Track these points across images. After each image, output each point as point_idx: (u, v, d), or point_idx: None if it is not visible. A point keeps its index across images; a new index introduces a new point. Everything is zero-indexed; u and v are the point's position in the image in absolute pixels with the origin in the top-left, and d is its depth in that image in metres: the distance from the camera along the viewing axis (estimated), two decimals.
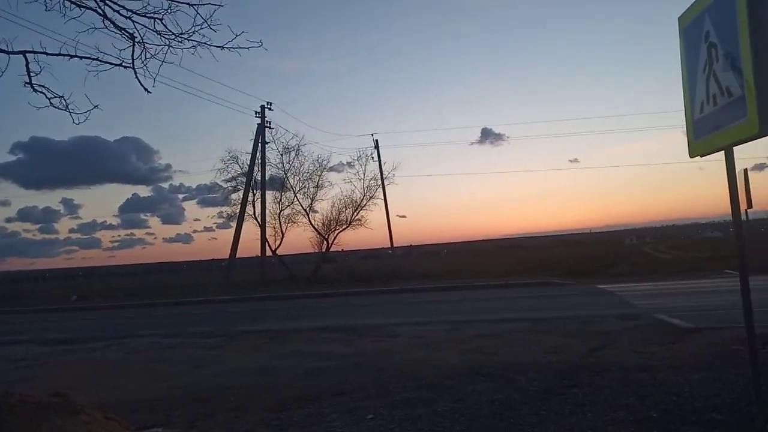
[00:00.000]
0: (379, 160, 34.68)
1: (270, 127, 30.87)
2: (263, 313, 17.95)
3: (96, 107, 4.74)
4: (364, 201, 30.96)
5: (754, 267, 4.93)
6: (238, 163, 30.58)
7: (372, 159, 33.55)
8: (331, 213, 30.96)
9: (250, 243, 32.54)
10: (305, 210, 30.54)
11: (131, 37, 4.61)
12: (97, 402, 4.93)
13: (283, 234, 30.54)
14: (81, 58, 4.63)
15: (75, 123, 4.81)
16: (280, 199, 30.69)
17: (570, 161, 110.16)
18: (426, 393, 5.87)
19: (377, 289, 22.57)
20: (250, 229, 31.34)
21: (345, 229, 30.75)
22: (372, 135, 36.70)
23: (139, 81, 4.76)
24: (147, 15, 4.54)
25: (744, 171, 9.57)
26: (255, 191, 30.84)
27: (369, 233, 37.31)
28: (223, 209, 32.29)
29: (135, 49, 4.68)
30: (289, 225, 30.62)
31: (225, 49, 4.75)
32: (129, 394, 7.12)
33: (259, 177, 30.65)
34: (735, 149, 3.98)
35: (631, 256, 33.75)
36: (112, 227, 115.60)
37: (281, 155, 30.50)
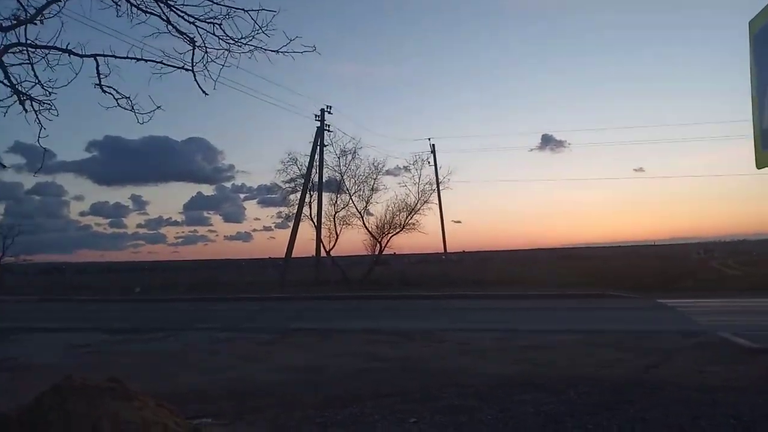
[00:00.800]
0: (435, 164, 34.66)
1: (329, 130, 31.36)
2: (315, 313, 18.21)
3: (159, 108, 4.96)
4: (418, 205, 30.89)
5: None
6: (296, 165, 31.18)
7: (428, 163, 33.55)
8: (385, 216, 31.06)
9: (305, 243, 33.06)
10: (360, 212, 30.78)
11: (192, 42, 4.81)
12: (152, 390, 5.14)
13: (338, 235, 30.89)
14: (146, 61, 4.87)
15: (139, 123, 5.05)
16: (335, 201, 31.05)
17: (635, 170, 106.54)
18: (470, 400, 5.81)
19: (428, 294, 22.48)
20: (306, 230, 31.91)
21: (398, 233, 30.77)
22: (429, 139, 36.65)
23: (198, 84, 4.95)
24: (207, 20, 4.72)
25: None
26: (312, 193, 31.37)
27: (423, 238, 37.33)
28: (282, 209, 32.98)
29: (195, 53, 4.87)
30: (344, 227, 30.92)
31: (281, 54, 4.88)
32: (182, 384, 7.39)
33: (317, 179, 31.18)
34: None
35: (698, 270, 32.26)
36: (176, 224, 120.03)
37: (338, 158, 30.87)
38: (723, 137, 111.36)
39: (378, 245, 30.97)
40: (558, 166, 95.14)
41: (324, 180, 31.33)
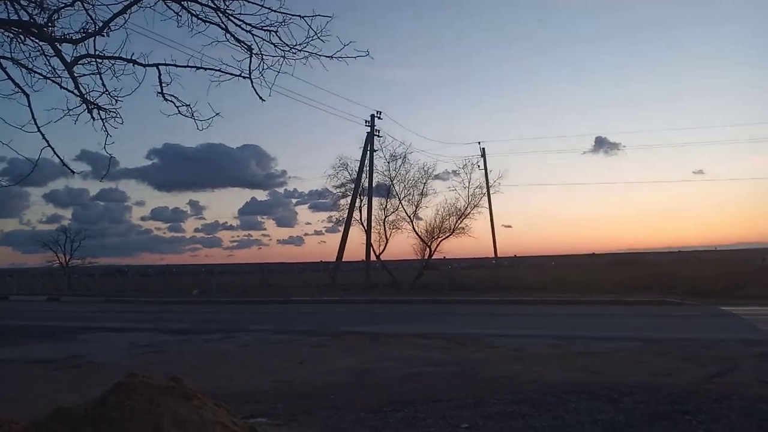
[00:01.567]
0: (485, 168, 34.26)
1: (378, 135, 31.57)
2: (366, 316, 18.31)
3: (218, 114, 5.12)
4: (468, 209, 30.69)
5: None
6: (347, 170, 31.56)
7: (478, 167, 33.17)
8: (435, 220, 30.99)
9: (355, 247, 33.35)
10: (409, 217, 30.82)
11: (249, 49, 4.94)
12: (209, 389, 5.30)
13: (387, 239, 31.02)
14: (205, 69, 5.04)
15: (199, 129, 5.22)
16: (385, 206, 31.20)
17: (694, 173, 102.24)
18: (524, 407, 5.72)
19: (479, 299, 22.27)
20: (356, 234, 32.23)
21: (448, 237, 30.63)
22: (479, 143, 36.23)
23: (255, 90, 5.08)
24: (264, 28, 4.84)
25: None
26: (362, 197, 31.66)
27: (473, 242, 36.93)
28: (332, 214, 33.45)
29: (252, 61, 5.01)
30: (394, 231, 31.04)
31: (334, 59, 4.95)
32: (238, 384, 7.58)
33: (367, 183, 31.43)
34: None
35: (763, 277, 30.65)
36: (231, 228, 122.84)
37: (388, 163, 31.03)
38: None
39: (427, 249, 30.91)
40: (613, 168, 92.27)
41: (374, 185, 31.58)
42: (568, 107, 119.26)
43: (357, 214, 31.61)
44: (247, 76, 5.01)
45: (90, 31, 4.81)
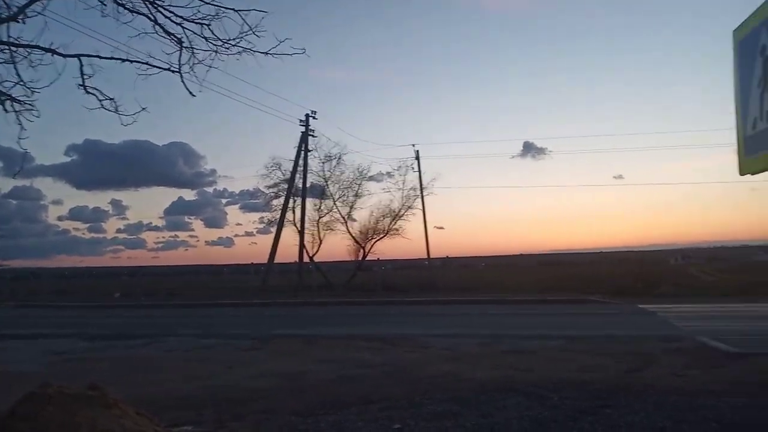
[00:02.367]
0: (419, 170, 34.63)
1: (313, 136, 31.25)
2: (298, 318, 18.10)
3: (144, 110, 4.92)
4: (402, 211, 30.98)
5: None
6: (280, 170, 31.06)
7: (412, 169, 33.49)
8: (369, 222, 31.09)
9: (288, 249, 32.93)
10: (344, 218, 30.78)
11: (179, 42, 4.76)
12: (132, 397, 5.05)
13: (321, 241, 30.83)
14: (132, 62, 4.82)
15: (123, 125, 4.99)
16: (319, 207, 31.01)
17: (614, 177, 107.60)
18: (454, 406, 5.80)
19: (412, 300, 22.49)
20: (289, 235, 31.73)
21: (382, 238, 30.82)
22: (413, 146, 36.59)
23: (185, 85, 4.91)
24: (196, 21, 4.68)
25: None
26: (296, 198, 31.25)
27: (406, 243, 37.24)
28: (264, 215, 32.81)
29: (183, 54, 4.82)
30: (327, 232, 30.91)
31: (269, 56, 4.85)
32: (163, 391, 7.28)
33: (301, 184, 31.07)
34: None
35: (676, 276, 32.67)
36: (157, 229, 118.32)
37: (322, 163, 30.84)
38: (704, 145, 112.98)
39: (361, 251, 30.97)
40: (540, 172, 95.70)
41: (308, 185, 31.25)
42: (498, 112, 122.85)
43: (290, 215, 31.18)
44: (177, 70, 4.84)
45: (3, 17, 4.49)
